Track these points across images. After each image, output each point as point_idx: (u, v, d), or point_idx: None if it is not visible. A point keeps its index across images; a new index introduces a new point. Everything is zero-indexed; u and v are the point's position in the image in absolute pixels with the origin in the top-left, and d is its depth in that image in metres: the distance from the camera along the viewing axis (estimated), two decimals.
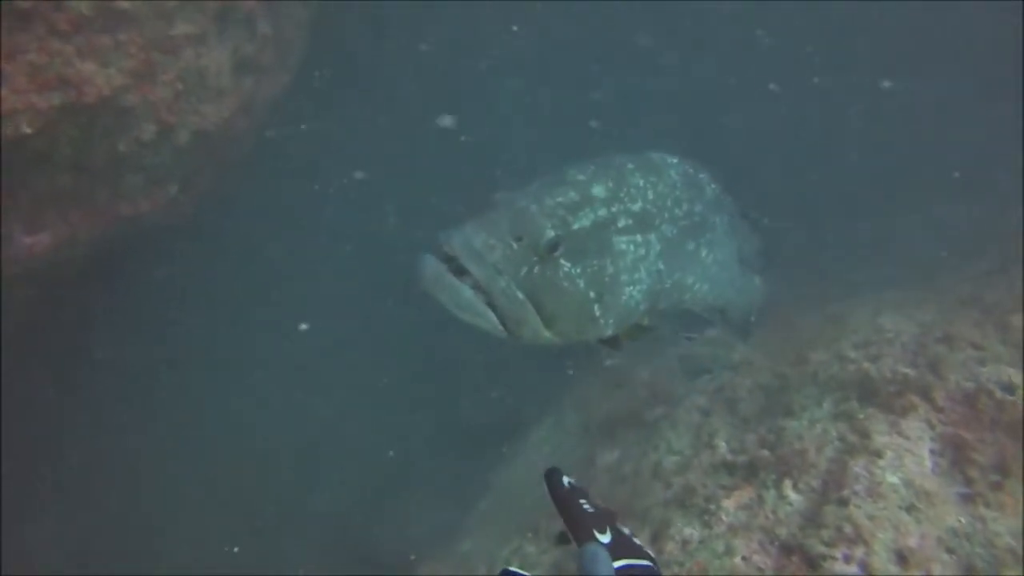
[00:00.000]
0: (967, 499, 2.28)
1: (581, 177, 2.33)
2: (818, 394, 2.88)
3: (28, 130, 2.66)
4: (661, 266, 2.42)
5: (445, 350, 6.04)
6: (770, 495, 2.37)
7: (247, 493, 5.43)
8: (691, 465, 2.83)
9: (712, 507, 2.44)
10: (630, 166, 2.48)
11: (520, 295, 2.06)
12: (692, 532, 2.38)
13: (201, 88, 3.45)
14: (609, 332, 2.34)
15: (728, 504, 2.40)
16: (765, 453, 2.58)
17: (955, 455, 2.38)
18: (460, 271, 2.03)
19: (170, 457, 5.39)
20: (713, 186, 2.87)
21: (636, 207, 2.36)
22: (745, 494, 2.42)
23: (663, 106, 7.43)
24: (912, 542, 2.08)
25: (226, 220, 5.52)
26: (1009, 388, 2.54)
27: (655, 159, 2.61)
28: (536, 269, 2.09)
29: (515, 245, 2.07)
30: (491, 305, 2.05)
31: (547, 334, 2.16)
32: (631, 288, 2.30)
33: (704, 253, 2.68)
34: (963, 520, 2.20)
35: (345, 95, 6.80)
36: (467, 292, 2.03)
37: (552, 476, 1.31)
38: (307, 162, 6.68)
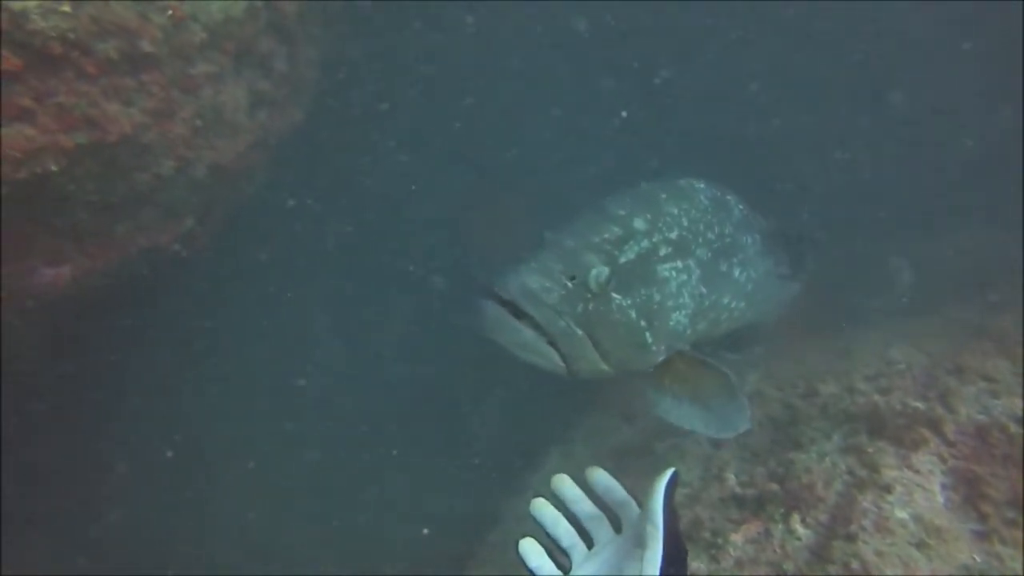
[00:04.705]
0: (982, 536, 2.23)
1: (621, 212, 2.45)
2: (828, 427, 2.86)
3: (54, 167, 2.76)
4: (703, 289, 2.55)
5: (449, 385, 6.06)
6: (778, 529, 2.34)
7: (259, 514, 5.44)
8: (700, 498, 2.81)
9: (719, 541, 2.42)
10: (663, 195, 2.63)
11: (580, 332, 2.17)
12: (699, 566, 2.35)
13: (218, 124, 3.56)
14: (661, 358, 2.45)
15: (736, 538, 2.38)
16: (774, 487, 2.56)
17: (968, 490, 2.34)
18: (518, 314, 2.14)
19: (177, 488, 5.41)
20: (741, 207, 2.97)
21: (673, 235, 2.48)
22: (753, 528, 2.40)
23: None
24: None
25: (242, 250, 5.62)
26: (1022, 421, 2.51)
27: (684, 186, 2.76)
28: (591, 306, 2.19)
29: (570, 285, 2.18)
30: (552, 344, 2.15)
31: (604, 367, 2.27)
32: (677, 313, 2.42)
33: (737, 272, 2.79)
34: (977, 558, 2.16)
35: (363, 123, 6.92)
36: (528, 334, 2.15)
37: (674, 481, 1.31)
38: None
